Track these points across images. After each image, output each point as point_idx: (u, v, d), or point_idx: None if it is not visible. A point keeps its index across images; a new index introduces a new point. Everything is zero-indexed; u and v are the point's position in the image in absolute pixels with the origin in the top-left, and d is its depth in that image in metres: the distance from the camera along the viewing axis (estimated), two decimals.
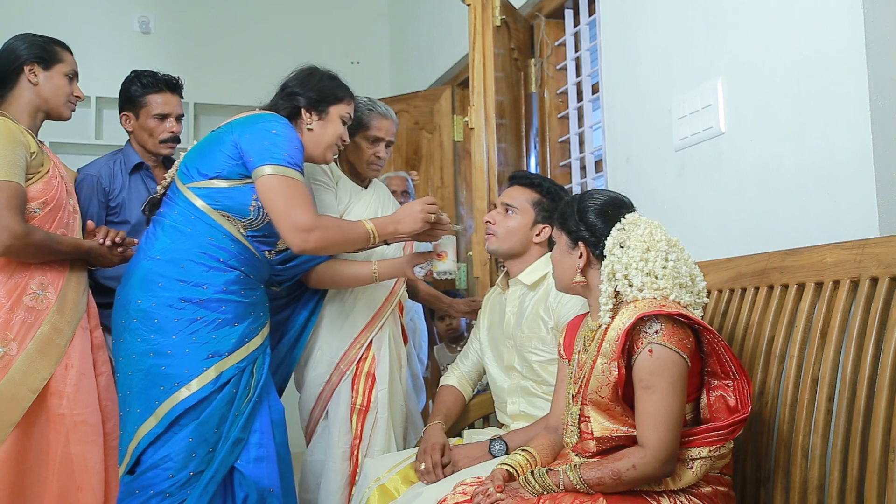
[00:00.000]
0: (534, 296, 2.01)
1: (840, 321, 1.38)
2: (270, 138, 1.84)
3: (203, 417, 1.78)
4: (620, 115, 2.39)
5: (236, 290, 1.88)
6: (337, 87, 2.05)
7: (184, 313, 1.81)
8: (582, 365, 1.52)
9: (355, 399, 2.23)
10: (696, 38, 2.02)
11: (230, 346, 1.84)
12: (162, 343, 1.79)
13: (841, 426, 1.33)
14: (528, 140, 3.14)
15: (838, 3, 1.59)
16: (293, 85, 2.03)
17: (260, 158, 1.81)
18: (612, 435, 1.42)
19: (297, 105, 2.00)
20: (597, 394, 1.42)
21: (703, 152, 1.99)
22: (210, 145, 1.90)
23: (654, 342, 1.36)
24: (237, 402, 1.83)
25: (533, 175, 2.13)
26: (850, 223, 1.55)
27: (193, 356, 1.79)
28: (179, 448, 1.76)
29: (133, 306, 1.83)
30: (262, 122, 1.88)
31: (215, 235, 1.86)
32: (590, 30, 2.84)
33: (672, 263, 1.47)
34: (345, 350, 2.26)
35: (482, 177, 2.60)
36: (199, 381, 1.78)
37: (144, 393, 1.78)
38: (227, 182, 1.86)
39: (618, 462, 1.36)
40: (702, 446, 1.38)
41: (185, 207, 1.87)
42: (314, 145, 2.01)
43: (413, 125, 4.15)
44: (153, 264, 1.84)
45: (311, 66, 2.08)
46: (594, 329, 1.53)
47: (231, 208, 1.87)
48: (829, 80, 1.62)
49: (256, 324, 1.93)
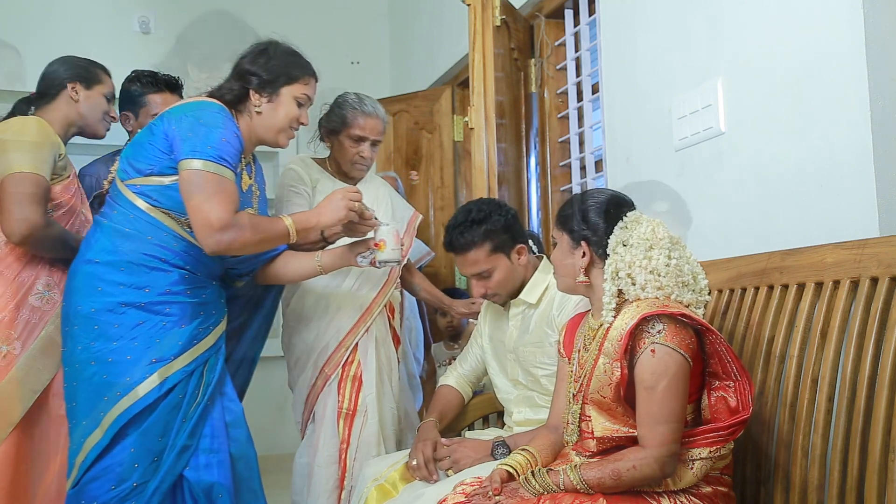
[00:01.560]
0: (536, 310, 1.97)
1: (840, 321, 1.38)
2: (196, 129, 1.73)
3: (145, 426, 1.70)
4: (620, 115, 2.39)
5: (181, 290, 1.79)
6: (291, 65, 1.91)
7: (125, 318, 1.73)
8: (583, 364, 1.52)
9: (342, 403, 2.22)
10: (696, 38, 2.02)
11: (176, 349, 1.75)
12: (103, 350, 1.71)
13: (841, 426, 1.33)
14: (528, 140, 3.14)
15: (838, 4, 1.59)
16: (245, 63, 1.90)
17: (183, 151, 1.72)
18: (612, 435, 1.42)
19: (245, 86, 1.88)
20: (598, 393, 1.42)
21: (703, 152, 1.99)
22: (144, 139, 1.81)
23: (657, 342, 1.36)
24: (184, 407, 1.75)
25: (462, 230, 1.91)
26: (850, 223, 1.55)
27: (136, 363, 1.71)
28: (121, 459, 1.69)
29: (73, 312, 1.76)
30: (191, 112, 1.77)
31: (157, 234, 1.77)
32: (590, 30, 2.84)
33: (675, 261, 1.47)
34: (329, 354, 2.24)
35: (482, 177, 2.60)
36: (143, 389, 1.70)
37: (89, 404, 1.71)
38: (163, 178, 1.77)
39: (618, 462, 1.36)
40: (702, 447, 1.38)
41: (125, 206, 1.79)
42: (264, 129, 1.90)
43: (413, 125, 4.15)
44: (92, 268, 1.76)
45: (266, 42, 1.94)
46: (595, 328, 1.53)
47: (169, 206, 1.77)
48: (829, 80, 1.62)
49: (207, 323, 1.84)
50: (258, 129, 1.90)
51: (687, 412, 1.43)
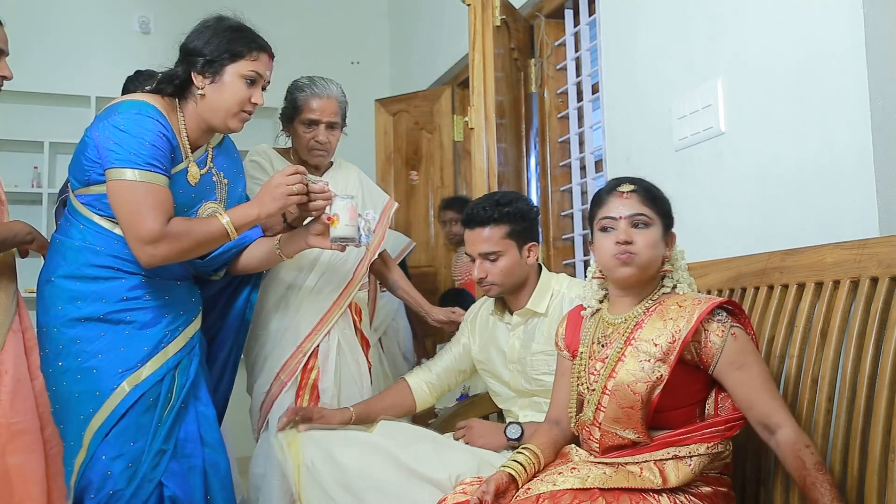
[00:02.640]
0: (544, 319, 1.91)
1: (840, 321, 1.38)
2: (116, 136, 1.63)
3: (116, 431, 1.65)
4: (620, 115, 2.39)
5: (139, 295, 1.73)
6: (234, 40, 1.75)
7: (86, 332, 1.68)
8: (602, 358, 1.48)
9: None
10: (696, 38, 2.02)
11: (142, 355, 1.70)
12: (72, 368, 1.67)
13: (841, 426, 1.33)
14: (528, 140, 3.14)
15: (838, 3, 1.59)
16: (187, 43, 1.77)
17: (106, 160, 1.63)
18: (616, 432, 1.42)
19: (187, 69, 1.74)
20: (628, 388, 1.40)
21: (703, 152, 1.99)
22: (79, 149, 1.73)
23: (734, 326, 1.39)
24: (158, 411, 1.69)
25: (485, 205, 1.88)
26: (850, 223, 1.55)
27: (103, 375, 1.67)
28: (97, 468, 1.64)
29: (41, 333, 1.73)
30: (110, 118, 1.66)
31: (106, 243, 1.71)
32: (590, 30, 2.84)
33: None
34: (286, 359, 2.13)
35: (482, 177, 2.60)
36: (113, 401, 1.66)
37: (71, 424, 1.68)
38: (100, 187, 1.69)
39: (794, 465, 1.29)
40: (699, 443, 1.38)
41: (76, 217, 1.74)
42: (210, 113, 1.75)
43: (413, 125, 4.15)
44: (49, 288, 1.72)
45: (209, 18, 1.79)
46: (615, 322, 1.50)
47: (112, 214, 1.69)
48: (829, 80, 1.62)
49: (175, 325, 1.77)
50: (205, 114, 1.76)
51: (695, 413, 1.44)
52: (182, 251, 1.68)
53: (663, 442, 1.40)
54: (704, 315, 1.38)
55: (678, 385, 1.40)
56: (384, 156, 4.21)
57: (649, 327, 1.42)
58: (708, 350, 1.39)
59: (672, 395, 1.40)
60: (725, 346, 1.38)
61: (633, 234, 1.44)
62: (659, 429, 1.43)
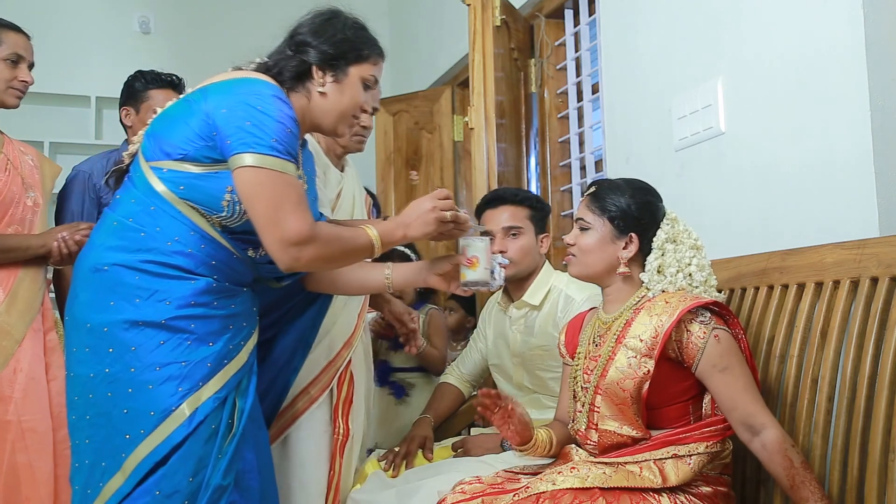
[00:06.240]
0: (540, 313, 1.96)
1: (840, 321, 1.38)
2: (254, 116, 1.40)
3: (173, 464, 1.39)
4: (620, 115, 2.39)
5: (207, 301, 1.46)
6: (361, 40, 1.60)
7: (144, 340, 1.41)
8: (595, 357, 1.50)
9: (337, 431, 1.87)
10: (696, 38, 2.02)
11: (205, 372, 1.43)
12: (122, 379, 1.40)
13: (841, 426, 1.33)
14: (528, 140, 3.14)
15: (838, 3, 1.59)
16: (304, 33, 1.57)
17: (239, 143, 1.38)
18: (615, 431, 1.43)
19: (306, 60, 1.55)
20: (617, 385, 1.41)
21: (703, 152, 1.99)
22: (177, 115, 1.48)
23: (716, 328, 1.39)
24: (219, 440, 1.43)
25: (514, 190, 2.11)
26: (850, 223, 1.55)
27: (160, 394, 1.39)
28: (144, 503, 1.38)
29: (83, 332, 1.44)
30: (244, 93, 1.43)
31: (181, 233, 1.44)
32: (590, 30, 2.84)
33: (706, 261, 1.52)
34: (317, 373, 1.85)
35: (482, 177, 2.60)
36: (170, 425, 1.39)
37: (109, 442, 1.40)
38: (196, 166, 1.43)
39: (781, 464, 1.31)
40: (698, 441, 1.39)
41: (144, 193, 1.46)
42: (323, 114, 1.57)
43: (413, 125, 4.15)
44: (100, 277, 1.44)
45: (330, 10, 1.61)
46: (609, 321, 1.52)
47: (199, 201, 1.44)
48: (829, 80, 1.62)
49: (237, 339, 1.51)
50: (316, 113, 1.57)
51: (689, 411, 1.44)
52: (327, 258, 1.47)
53: (662, 441, 1.40)
54: (686, 311, 1.38)
55: (665, 381, 1.42)
56: (384, 156, 4.21)
57: (637, 324, 1.43)
58: (689, 350, 1.40)
59: (660, 391, 1.42)
60: (707, 348, 1.39)
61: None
62: (654, 427, 1.44)
